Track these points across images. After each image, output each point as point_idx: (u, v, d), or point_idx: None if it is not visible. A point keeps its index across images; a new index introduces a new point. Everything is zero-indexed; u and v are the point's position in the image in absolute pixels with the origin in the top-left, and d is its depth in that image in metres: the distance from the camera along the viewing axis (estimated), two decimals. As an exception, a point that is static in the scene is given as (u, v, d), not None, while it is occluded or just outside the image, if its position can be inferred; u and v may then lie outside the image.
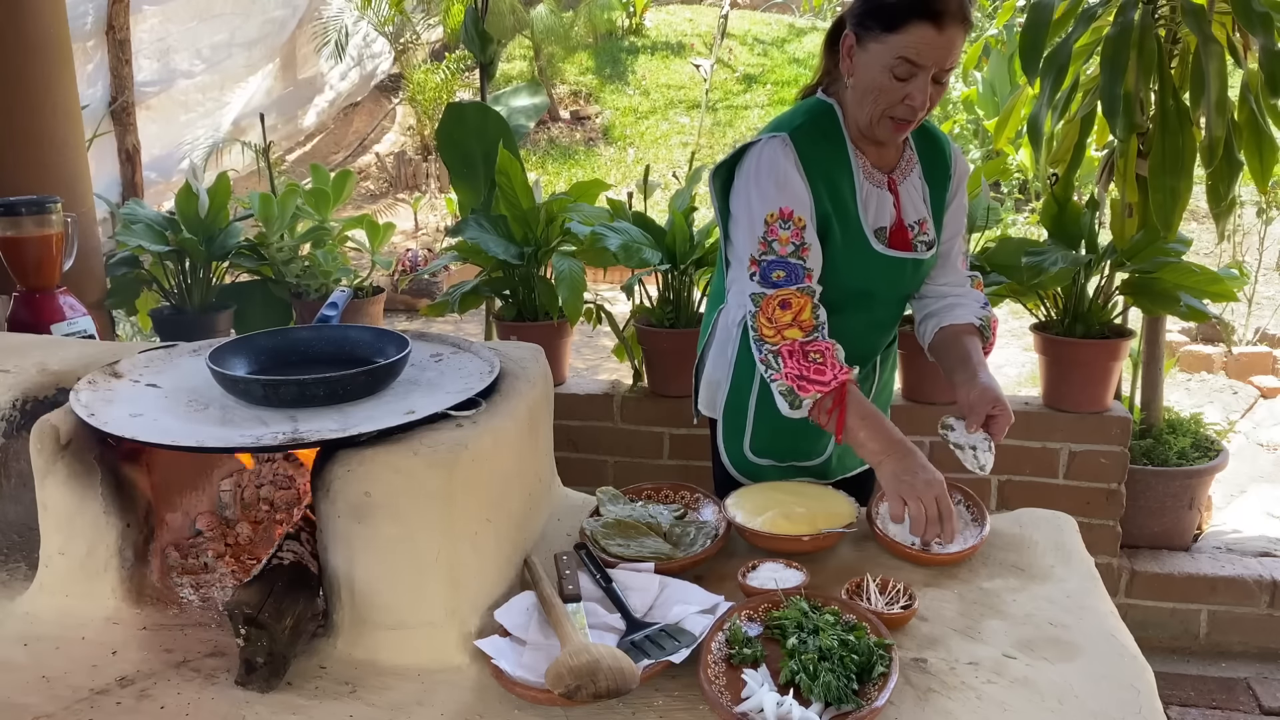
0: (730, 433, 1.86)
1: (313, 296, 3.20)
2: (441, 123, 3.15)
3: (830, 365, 1.58)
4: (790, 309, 1.59)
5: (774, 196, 1.61)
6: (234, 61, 6.61)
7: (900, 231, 1.70)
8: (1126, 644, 1.29)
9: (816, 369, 1.57)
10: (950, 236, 1.79)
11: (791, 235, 1.60)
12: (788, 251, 1.60)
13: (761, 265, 1.62)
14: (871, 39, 1.55)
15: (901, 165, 1.72)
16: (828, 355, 1.58)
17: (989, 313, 1.80)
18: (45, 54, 2.77)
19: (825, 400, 1.57)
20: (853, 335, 1.68)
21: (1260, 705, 2.52)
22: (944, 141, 1.78)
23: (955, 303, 1.79)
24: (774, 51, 10.86)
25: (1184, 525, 2.88)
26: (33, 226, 2.31)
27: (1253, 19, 2.33)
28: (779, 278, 1.60)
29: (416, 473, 1.25)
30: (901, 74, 1.53)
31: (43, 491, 1.39)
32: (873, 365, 1.87)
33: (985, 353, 1.77)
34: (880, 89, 1.56)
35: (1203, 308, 2.62)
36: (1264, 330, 5.22)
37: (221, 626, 1.37)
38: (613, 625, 1.29)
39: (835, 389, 1.57)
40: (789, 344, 1.59)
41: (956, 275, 1.81)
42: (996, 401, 1.61)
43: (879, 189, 1.69)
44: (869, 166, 1.68)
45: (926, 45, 1.50)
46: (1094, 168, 3.14)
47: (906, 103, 1.55)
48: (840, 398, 1.57)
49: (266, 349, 1.54)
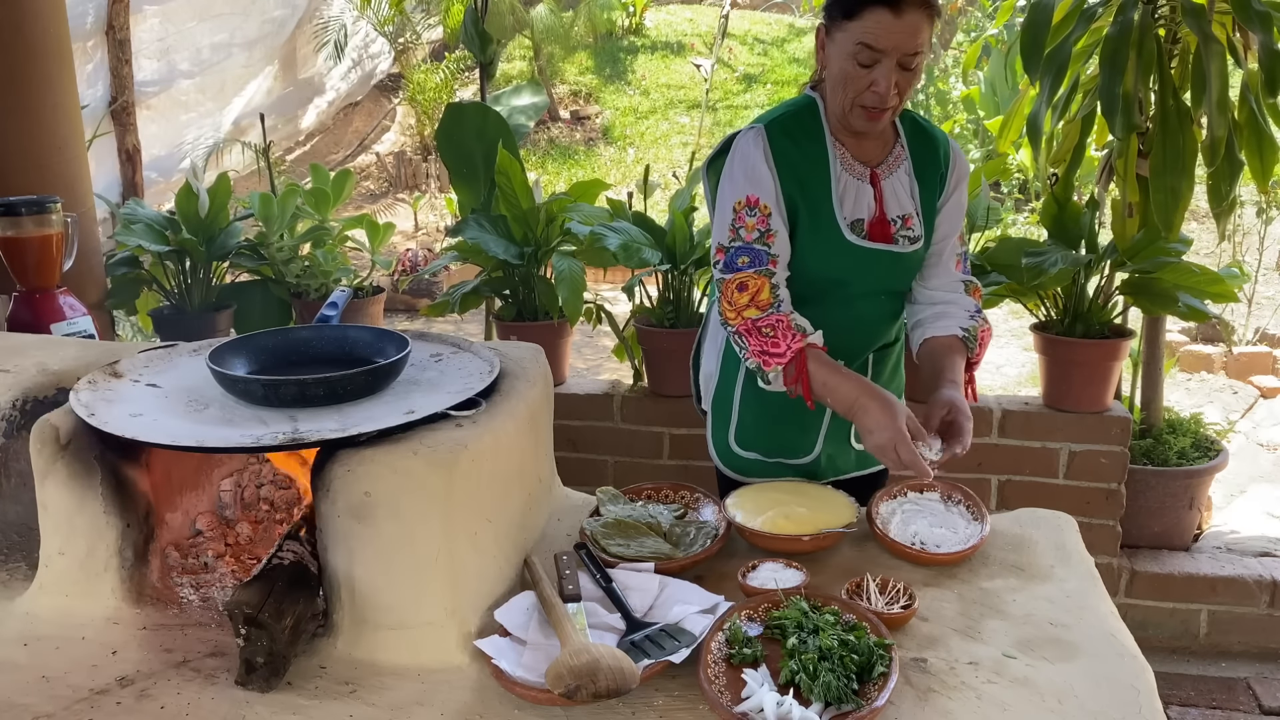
0: (718, 424, 1.88)
1: (313, 296, 3.20)
2: (441, 123, 3.15)
3: (783, 335, 1.61)
4: (747, 290, 1.64)
5: (742, 185, 1.66)
6: (234, 61, 6.62)
7: (880, 225, 1.70)
8: (1126, 644, 1.29)
9: (771, 342, 1.61)
10: (944, 237, 1.77)
11: (757, 222, 1.65)
12: (753, 238, 1.65)
13: (728, 252, 1.67)
14: (836, 28, 1.59)
15: (888, 160, 1.72)
16: (779, 326, 1.61)
17: (977, 323, 1.76)
18: (45, 54, 2.77)
19: (790, 370, 1.61)
20: (834, 330, 1.68)
21: (1260, 705, 2.52)
22: (940, 140, 1.77)
23: (943, 311, 1.77)
24: (774, 51, 10.86)
25: (1184, 525, 2.88)
26: (33, 226, 2.31)
27: (1252, 17, 2.33)
28: (743, 263, 1.65)
29: (416, 473, 1.25)
30: (864, 60, 1.56)
31: (43, 491, 1.39)
32: (863, 364, 1.84)
33: (971, 364, 1.76)
34: (847, 77, 1.59)
35: (1203, 308, 2.62)
36: (1264, 330, 5.22)
37: (221, 626, 1.37)
38: (613, 625, 1.29)
39: (793, 357, 1.60)
40: (746, 323, 1.63)
41: (949, 278, 1.79)
42: (951, 406, 1.61)
43: (859, 181, 1.69)
44: (849, 158, 1.69)
45: (884, 30, 1.52)
46: (1094, 168, 3.14)
47: (873, 89, 1.57)
48: (800, 365, 1.60)
49: (266, 349, 1.54)
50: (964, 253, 1.82)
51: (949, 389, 1.65)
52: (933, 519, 1.56)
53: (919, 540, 1.51)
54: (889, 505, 1.61)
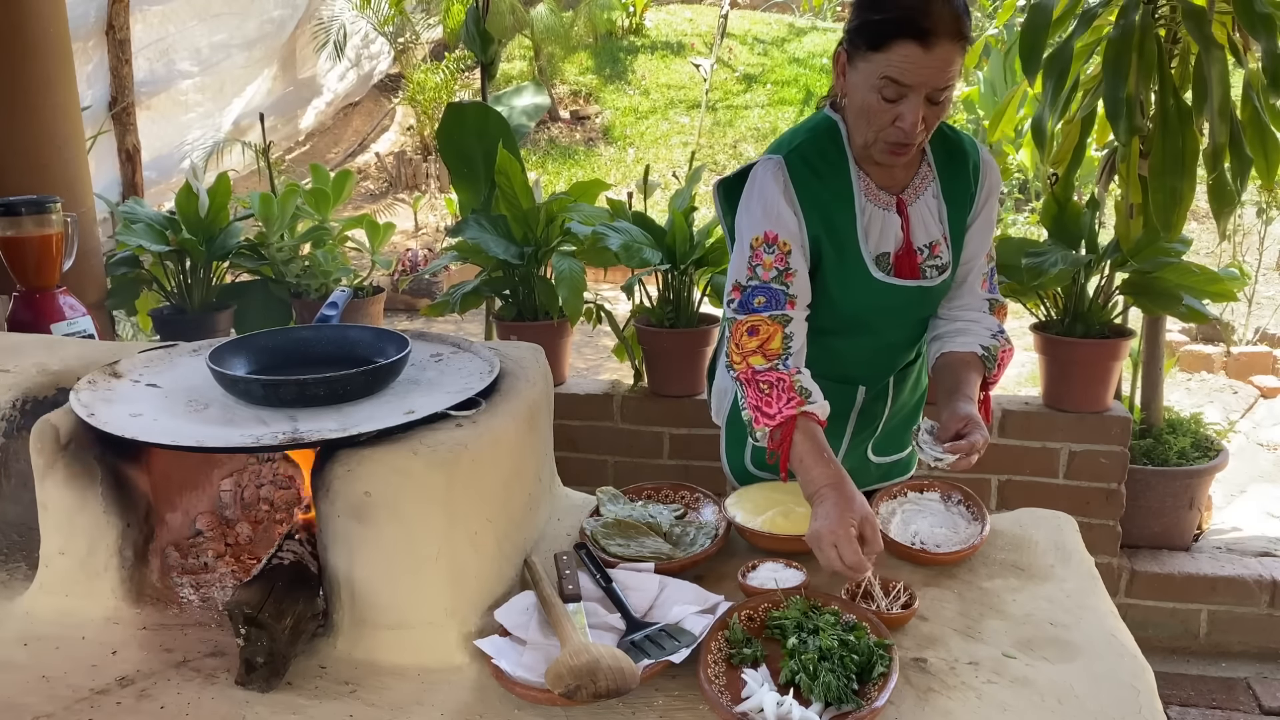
0: (732, 443, 1.85)
1: (313, 296, 3.20)
2: (441, 123, 3.15)
3: (778, 397, 1.50)
4: (757, 335, 1.54)
5: (760, 220, 1.56)
6: (234, 61, 6.61)
7: (908, 257, 1.61)
8: (1126, 644, 1.29)
9: (766, 400, 1.51)
10: (972, 256, 1.68)
11: (775, 260, 1.55)
12: (770, 276, 1.55)
13: (744, 291, 1.57)
14: (860, 57, 1.47)
15: (914, 184, 1.62)
16: (779, 386, 1.51)
17: (999, 342, 1.68)
18: (45, 54, 2.77)
19: (775, 435, 1.51)
20: (861, 357, 1.62)
21: (1260, 705, 2.52)
22: (970, 153, 1.66)
23: (964, 328, 1.68)
24: (774, 51, 10.85)
25: (1184, 525, 2.88)
26: (33, 226, 2.31)
27: (1254, 20, 2.32)
28: (759, 304, 1.55)
29: (416, 473, 1.25)
30: (889, 95, 1.44)
31: (43, 491, 1.39)
32: (884, 387, 1.78)
33: (989, 383, 1.68)
34: (870, 110, 1.48)
35: (1203, 308, 2.62)
36: (1264, 330, 5.22)
37: (221, 626, 1.37)
38: (613, 625, 1.29)
39: (781, 422, 1.49)
40: (749, 371, 1.54)
41: (974, 298, 1.70)
42: (969, 420, 1.52)
43: (885, 211, 1.59)
44: (873, 187, 1.59)
45: (912, 65, 1.41)
46: (1094, 168, 3.14)
47: (897, 124, 1.46)
48: (787, 433, 1.49)
49: (266, 349, 1.54)
50: (990, 270, 1.72)
51: (965, 404, 1.56)
52: (933, 519, 1.56)
53: (919, 540, 1.51)
54: (889, 505, 1.60)
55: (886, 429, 1.83)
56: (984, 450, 1.50)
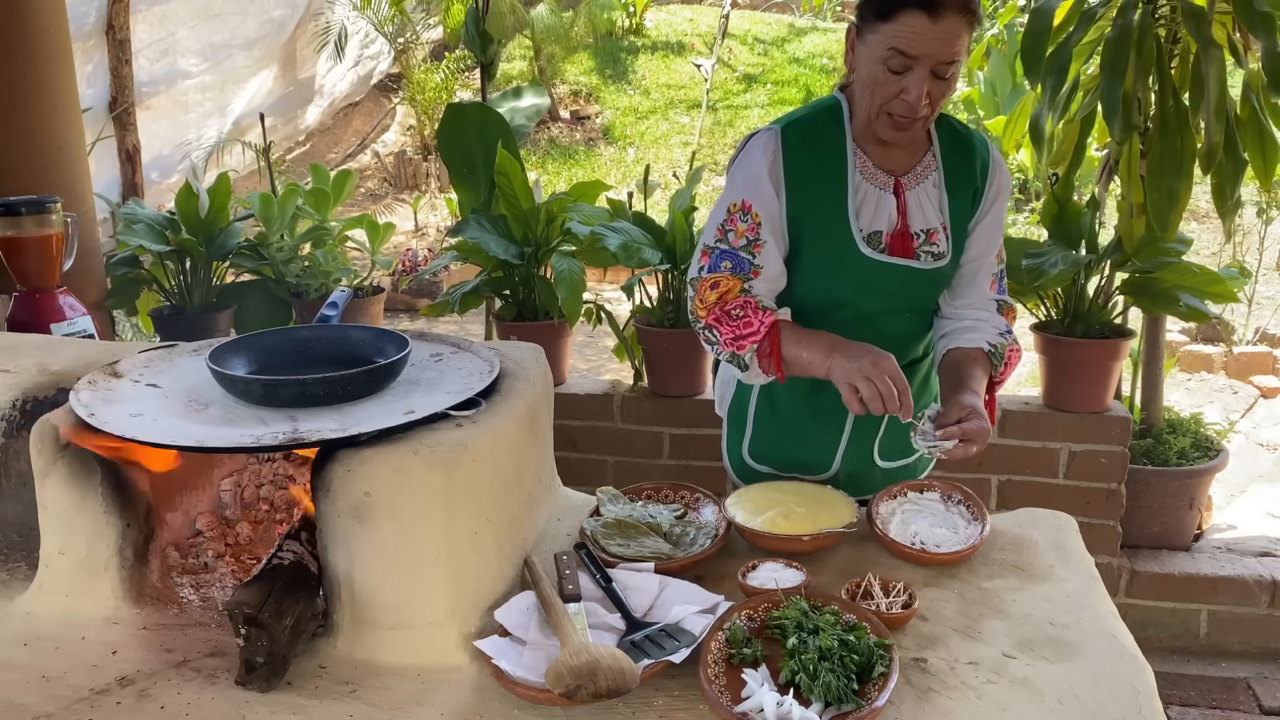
0: (732, 433, 1.86)
1: (313, 296, 3.20)
2: (441, 123, 3.15)
3: (754, 313, 1.57)
4: (719, 289, 1.60)
5: (740, 187, 1.61)
6: (234, 61, 6.61)
7: (902, 238, 1.62)
8: (1126, 644, 1.29)
9: (743, 323, 1.57)
10: (978, 255, 1.69)
11: (747, 229, 1.59)
12: (740, 244, 1.60)
13: (713, 255, 1.62)
14: (868, 29, 1.50)
15: (916, 170, 1.63)
16: (748, 306, 1.57)
17: (1007, 341, 1.69)
18: (46, 55, 2.77)
19: (763, 346, 1.56)
20: None
21: (1260, 705, 2.53)
22: (978, 150, 1.66)
23: (972, 325, 1.69)
24: (774, 51, 10.85)
25: (1184, 525, 2.88)
26: (33, 226, 2.31)
27: (1254, 19, 2.33)
28: (725, 267, 1.60)
29: (416, 473, 1.25)
30: (895, 66, 1.46)
31: (43, 491, 1.39)
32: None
33: (995, 383, 1.68)
34: (876, 82, 1.50)
35: (1203, 308, 2.62)
36: (1264, 330, 5.22)
37: (221, 626, 1.37)
38: (613, 625, 1.29)
39: (766, 332, 1.56)
40: (714, 312, 1.59)
41: (981, 298, 1.70)
42: (972, 410, 1.53)
43: (881, 190, 1.61)
44: (871, 166, 1.61)
45: (918, 35, 1.43)
46: (1094, 168, 3.14)
47: (902, 98, 1.48)
48: (773, 338, 1.55)
49: (266, 349, 1.54)
50: (1000, 272, 1.72)
51: (968, 395, 1.57)
52: (933, 519, 1.56)
53: (919, 540, 1.51)
54: (889, 505, 1.60)
55: (891, 431, 1.83)
56: (984, 444, 1.52)
